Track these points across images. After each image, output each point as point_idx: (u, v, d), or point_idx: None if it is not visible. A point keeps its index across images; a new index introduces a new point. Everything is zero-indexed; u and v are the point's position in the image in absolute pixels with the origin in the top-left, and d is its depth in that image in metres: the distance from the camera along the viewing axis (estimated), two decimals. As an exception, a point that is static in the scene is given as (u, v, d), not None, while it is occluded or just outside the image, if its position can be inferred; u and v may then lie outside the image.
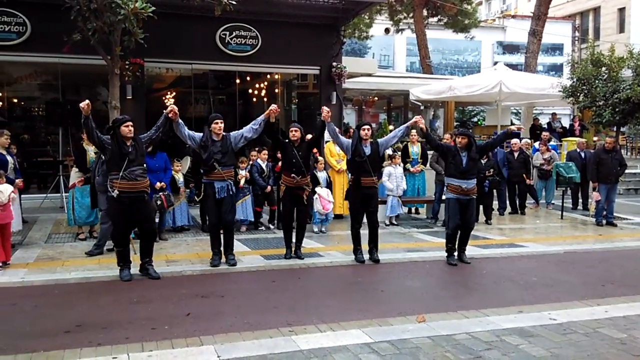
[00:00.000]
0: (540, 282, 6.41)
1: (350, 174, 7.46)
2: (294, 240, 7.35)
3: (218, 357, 4.14)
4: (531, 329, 4.82)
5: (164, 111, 6.37)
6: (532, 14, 21.94)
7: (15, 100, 14.19)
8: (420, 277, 6.67)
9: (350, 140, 7.17)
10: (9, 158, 7.89)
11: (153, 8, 8.66)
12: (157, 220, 8.49)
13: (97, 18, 8.75)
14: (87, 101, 5.89)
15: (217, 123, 6.67)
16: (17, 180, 7.45)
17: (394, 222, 10.03)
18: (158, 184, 8.19)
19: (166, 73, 14.49)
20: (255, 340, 4.45)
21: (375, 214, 7.24)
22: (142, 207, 6.21)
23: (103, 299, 5.54)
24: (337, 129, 7.16)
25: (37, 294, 5.72)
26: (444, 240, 7.35)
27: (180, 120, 6.47)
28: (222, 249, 6.90)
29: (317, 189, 8.88)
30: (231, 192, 6.77)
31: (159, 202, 8.05)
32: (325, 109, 6.92)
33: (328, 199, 8.98)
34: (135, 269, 6.42)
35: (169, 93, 15.52)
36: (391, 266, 7.08)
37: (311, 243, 8.35)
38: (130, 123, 6.18)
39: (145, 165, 6.36)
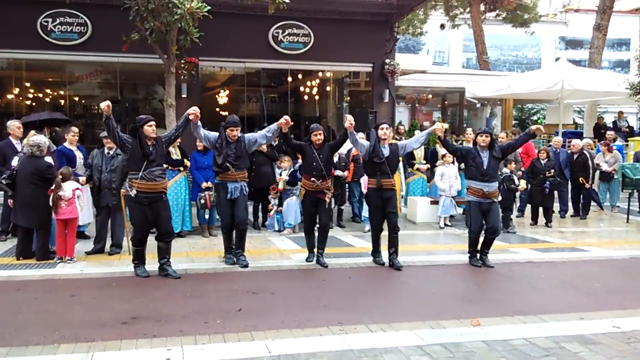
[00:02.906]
0: (603, 288, 6.10)
1: (367, 177, 7.07)
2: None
3: (269, 352, 4.14)
4: (593, 336, 4.58)
5: (186, 112, 6.28)
6: (596, 8, 20.97)
7: (77, 99, 14.78)
8: (475, 280, 6.47)
9: (368, 142, 6.88)
10: (77, 154, 8.02)
11: (208, 7, 8.83)
12: (206, 217, 8.56)
13: (154, 18, 9.00)
14: (107, 102, 5.91)
15: (232, 130, 6.52)
16: (81, 179, 7.30)
17: (447, 222, 9.81)
18: (204, 184, 8.22)
19: (219, 72, 14.75)
20: (306, 338, 4.44)
21: (396, 216, 6.92)
22: (159, 207, 6.18)
23: (158, 293, 5.66)
24: (358, 137, 6.87)
25: (95, 285, 5.91)
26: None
27: (199, 123, 6.39)
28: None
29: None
30: (245, 192, 6.70)
31: (202, 202, 8.11)
32: (349, 118, 6.61)
33: None
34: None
35: (222, 91, 15.81)
36: (444, 268, 6.91)
37: (361, 242, 8.27)
38: (154, 123, 6.17)
39: (166, 165, 6.28)
